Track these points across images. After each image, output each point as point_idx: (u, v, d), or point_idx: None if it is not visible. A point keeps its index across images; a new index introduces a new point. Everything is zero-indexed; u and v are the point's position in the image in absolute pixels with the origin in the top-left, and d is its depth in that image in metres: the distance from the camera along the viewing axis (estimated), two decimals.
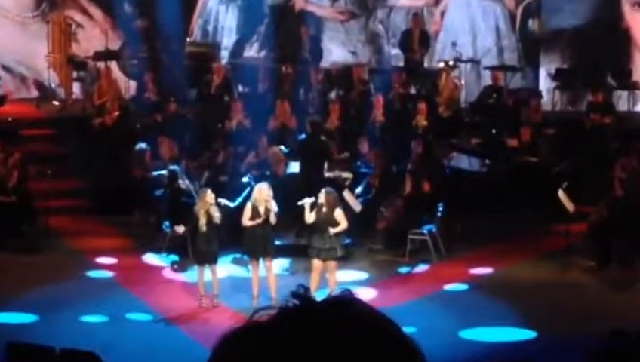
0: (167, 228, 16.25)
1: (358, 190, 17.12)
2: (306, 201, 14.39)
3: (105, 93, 19.63)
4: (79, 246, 16.75)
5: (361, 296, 1.82)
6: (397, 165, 17.75)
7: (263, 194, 14.22)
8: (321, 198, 14.17)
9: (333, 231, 14.07)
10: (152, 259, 16.31)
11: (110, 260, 16.15)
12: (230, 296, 14.41)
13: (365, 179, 17.34)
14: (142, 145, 17.82)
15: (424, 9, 22.25)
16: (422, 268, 16.00)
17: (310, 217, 14.28)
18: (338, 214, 14.19)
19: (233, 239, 15.10)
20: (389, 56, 22.34)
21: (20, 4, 22.25)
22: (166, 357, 12.61)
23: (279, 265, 15.24)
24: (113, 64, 21.09)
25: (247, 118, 18.79)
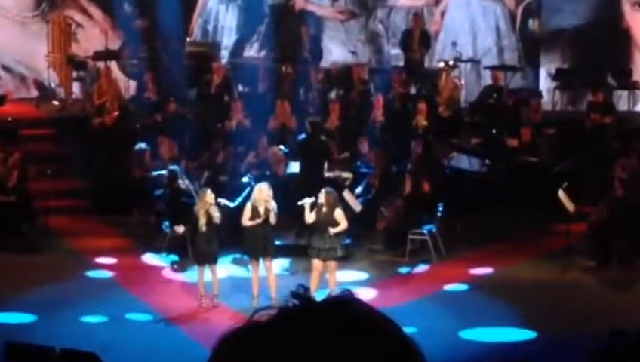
0: (166, 228, 16.24)
1: (358, 190, 17.11)
2: (306, 201, 14.38)
3: (105, 93, 19.62)
4: (79, 246, 16.74)
5: (361, 296, 1.81)
6: (397, 165, 17.73)
7: (262, 194, 14.20)
8: (321, 198, 14.16)
9: (333, 231, 14.06)
10: (151, 259, 16.30)
11: (110, 260, 16.14)
12: (230, 296, 14.40)
13: (365, 179, 17.32)
14: (142, 145, 17.81)
15: (424, 9, 22.23)
16: (422, 268, 15.99)
17: (310, 217, 14.26)
18: (338, 214, 14.18)
19: (233, 239, 15.10)
20: (389, 55, 22.33)
21: (20, 4, 22.23)
22: (166, 357, 12.60)
23: (279, 265, 15.22)
24: (113, 64, 21.07)
25: (247, 117, 18.78)
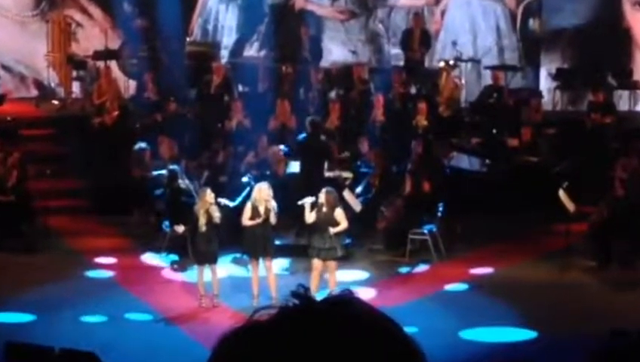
0: (166, 227, 16.23)
1: (359, 190, 17.11)
2: (306, 201, 14.37)
3: (104, 92, 19.61)
4: (78, 246, 16.73)
5: (361, 296, 1.80)
6: (397, 165, 17.73)
7: (262, 194, 14.20)
8: (321, 198, 14.15)
9: (333, 230, 14.05)
10: (151, 258, 16.29)
11: (110, 260, 16.13)
12: (230, 296, 14.40)
13: (365, 179, 17.32)
14: (141, 145, 17.81)
15: (424, 8, 22.23)
16: (422, 268, 15.98)
17: (310, 217, 14.25)
18: (338, 214, 14.17)
19: (233, 239, 15.10)
20: (389, 55, 22.32)
21: (20, 4, 22.23)
22: (166, 357, 12.59)
23: (279, 264, 15.22)
24: (113, 63, 21.07)
25: (247, 117, 18.78)
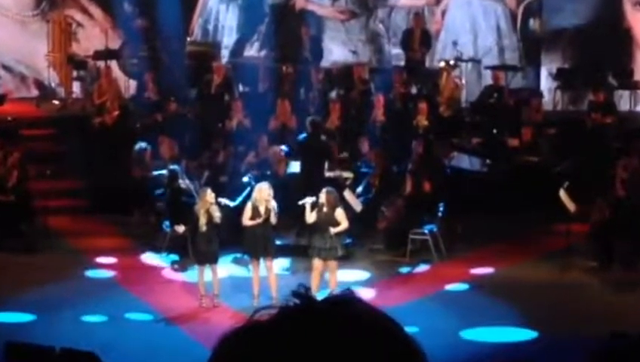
0: (167, 227, 16.23)
1: (359, 190, 17.10)
2: (307, 201, 14.37)
3: (105, 92, 19.60)
4: (79, 246, 16.73)
5: (361, 295, 1.79)
6: (397, 165, 17.72)
7: (263, 194, 14.19)
8: (321, 198, 14.15)
9: (333, 230, 14.05)
10: (152, 258, 16.28)
11: (110, 260, 16.13)
12: (231, 296, 14.39)
13: (366, 179, 17.31)
14: (142, 145, 17.80)
15: (425, 8, 22.22)
16: (423, 268, 15.97)
17: (311, 217, 14.25)
18: (339, 214, 14.17)
19: (234, 239, 15.09)
20: (389, 55, 22.32)
21: (20, 3, 22.22)
22: (166, 357, 12.58)
23: (280, 264, 15.21)
24: (113, 63, 21.06)
25: (247, 117, 18.77)
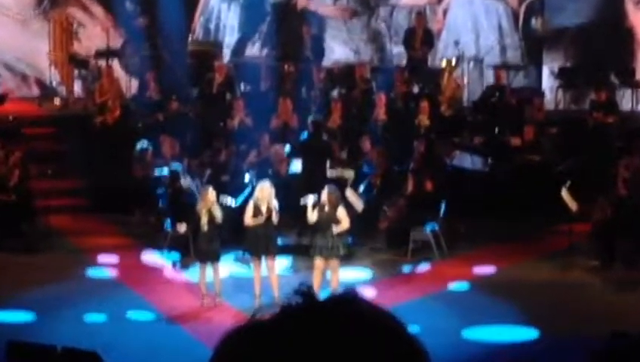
0: (168, 226, 16.23)
1: (361, 189, 17.09)
2: (309, 200, 14.36)
3: (106, 91, 19.61)
4: (80, 246, 16.74)
5: (363, 294, 1.78)
6: (399, 164, 17.72)
7: (265, 193, 14.18)
8: (323, 197, 14.14)
9: (335, 230, 14.03)
10: (153, 258, 16.28)
11: (112, 259, 16.13)
12: (232, 295, 14.39)
13: (367, 178, 17.31)
14: (143, 144, 17.82)
15: (427, 7, 22.22)
16: (424, 267, 15.97)
17: (312, 216, 14.24)
18: (340, 213, 14.16)
19: (235, 238, 15.09)
20: (391, 54, 22.32)
21: (21, 2, 22.24)
22: (168, 356, 12.58)
23: (281, 263, 15.21)
24: (115, 62, 21.09)
25: (249, 116, 18.78)
